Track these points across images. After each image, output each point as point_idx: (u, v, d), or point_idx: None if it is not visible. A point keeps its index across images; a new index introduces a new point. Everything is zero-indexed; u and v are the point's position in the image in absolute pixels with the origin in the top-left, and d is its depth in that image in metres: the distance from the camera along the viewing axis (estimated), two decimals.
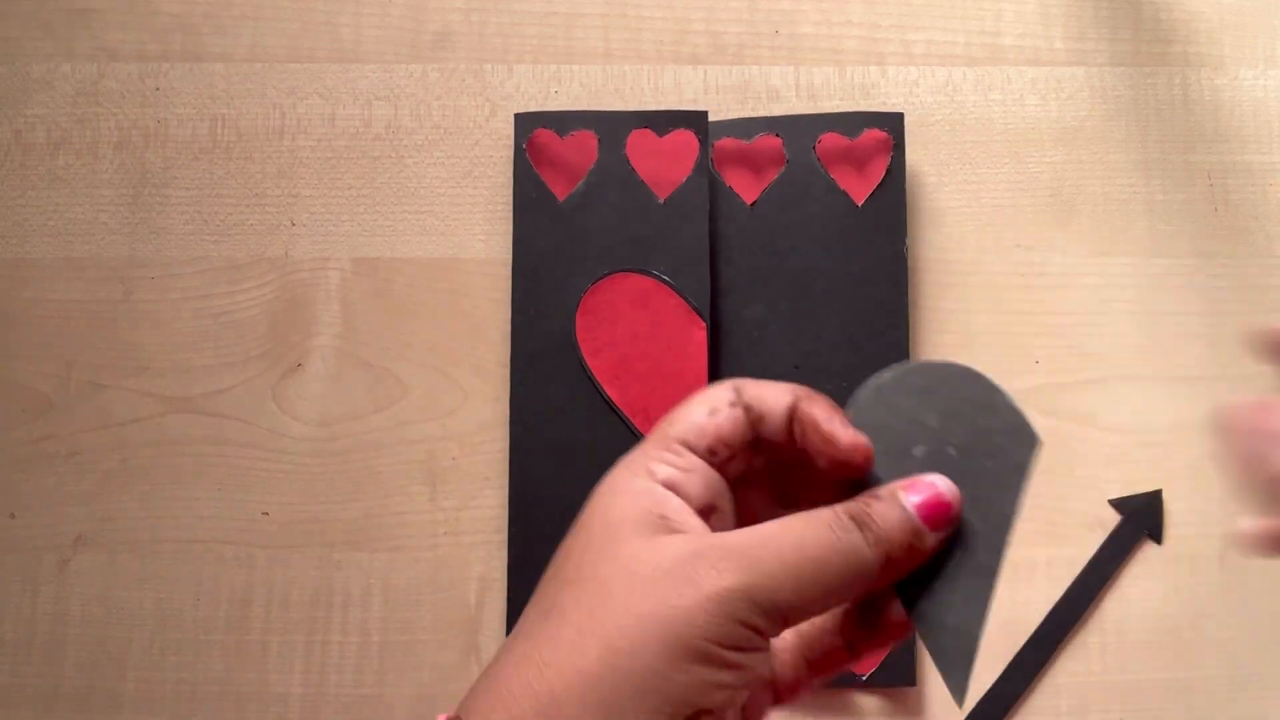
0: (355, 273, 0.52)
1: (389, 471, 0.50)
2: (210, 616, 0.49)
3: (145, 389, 0.51)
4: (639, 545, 0.26)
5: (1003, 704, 0.48)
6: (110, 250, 0.52)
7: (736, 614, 0.25)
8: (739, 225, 0.50)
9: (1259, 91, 0.53)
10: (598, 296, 0.49)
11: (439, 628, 0.49)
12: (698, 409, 0.29)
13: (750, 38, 0.53)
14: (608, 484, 0.29)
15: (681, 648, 0.25)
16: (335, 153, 0.53)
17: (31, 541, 0.50)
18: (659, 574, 0.26)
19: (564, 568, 0.28)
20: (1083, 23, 0.53)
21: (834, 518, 0.27)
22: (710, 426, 0.29)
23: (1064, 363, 0.51)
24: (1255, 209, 0.52)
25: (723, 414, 0.29)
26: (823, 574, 0.26)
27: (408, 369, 0.51)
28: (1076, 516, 0.49)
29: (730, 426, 0.29)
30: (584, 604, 0.26)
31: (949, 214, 0.52)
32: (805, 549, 0.26)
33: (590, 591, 0.26)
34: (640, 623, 0.25)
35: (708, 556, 0.26)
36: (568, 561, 0.28)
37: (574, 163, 0.51)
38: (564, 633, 0.26)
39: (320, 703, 0.49)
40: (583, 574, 0.27)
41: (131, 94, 0.53)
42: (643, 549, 0.26)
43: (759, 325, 0.50)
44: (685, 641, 0.25)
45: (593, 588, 0.26)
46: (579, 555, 0.27)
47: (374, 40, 0.53)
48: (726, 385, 0.30)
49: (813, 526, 0.27)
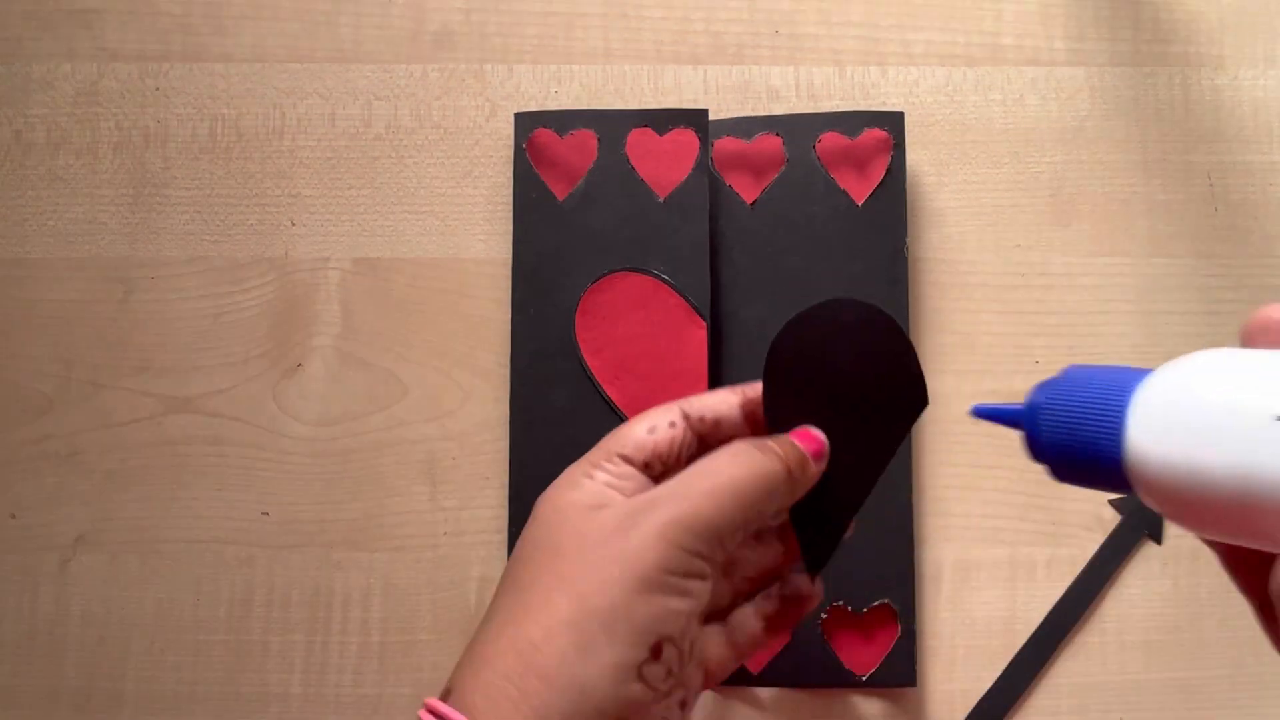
0: (355, 273, 0.52)
1: (389, 471, 0.50)
2: (210, 616, 0.49)
3: (145, 389, 0.51)
4: (585, 517, 0.31)
5: (1003, 704, 0.48)
6: (110, 250, 0.52)
7: (678, 541, 0.29)
8: (739, 225, 0.50)
9: (1259, 91, 0.53)
10: (598, 296, 0.49)
11: (439, 628, 0.49)
12: (639, 426, 0.33)
13: (750, 38, 0.53)
14: (554, 485, 0.33)
15: (640, 581, 0.29)
16: (335, 153, 0.53)
17: (31, 541, 0.50)
18: (606, 530, 0.30)
19: (522, 550, 0.32)
20: (1083, 23, 0.53)
21: (739, 445, 0.32)
22: (649, 443, 0.33)
23: (1064, 363, 0.50)
24: (1255, 209, 0.52)
25: (661, 432, 0.33)
26: (741, 491, 0.31)
27: (408, 369, 0.51)
28: (1076, 516, 0.49)
29: (667, 445, 0.33)
30: (546, 569, 0.30)
31: (949, 214, 0.52)
32: (726, 474, 0.31)
33: (550, 559, 0.30)
34: (600, 567, 0.29)
35: (642, 506, 0.30)
36: (523, 547, 0.32)
37: (574, 162, 0.51)
38: (533, 596, 0.30)
39: (320, 703, 0.49)
40: (540, 549, 0.31)
41: (131, 94, 0.53)
42: (589, 518, 0.31)
43: (759, 325, 0.50)
44: (641, 574, 0.29)
45: (551, 556, 0.30)
46: (534, 537, 0.32)
47: (374, 40, 0.53)
48: (673, 406, 0.34)
49: (721, 457, 0.32)
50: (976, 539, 0.49)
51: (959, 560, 0.49)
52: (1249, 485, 0.19)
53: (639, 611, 0.29)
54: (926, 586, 0.49)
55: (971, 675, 0.49)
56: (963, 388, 0.50)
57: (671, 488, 0.31)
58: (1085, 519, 0.49)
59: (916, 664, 0.48)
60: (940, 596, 0.49)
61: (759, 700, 0.49)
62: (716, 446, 0.33)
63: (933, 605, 0.49)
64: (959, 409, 0.50)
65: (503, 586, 0.32)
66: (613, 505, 0.31)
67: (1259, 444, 0.19)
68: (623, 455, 0.33)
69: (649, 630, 0.29)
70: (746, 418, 0.35)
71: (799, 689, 0.48)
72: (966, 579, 0.49)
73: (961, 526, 0.49)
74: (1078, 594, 0.49)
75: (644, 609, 0.29)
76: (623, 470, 0.33)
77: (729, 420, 0.34)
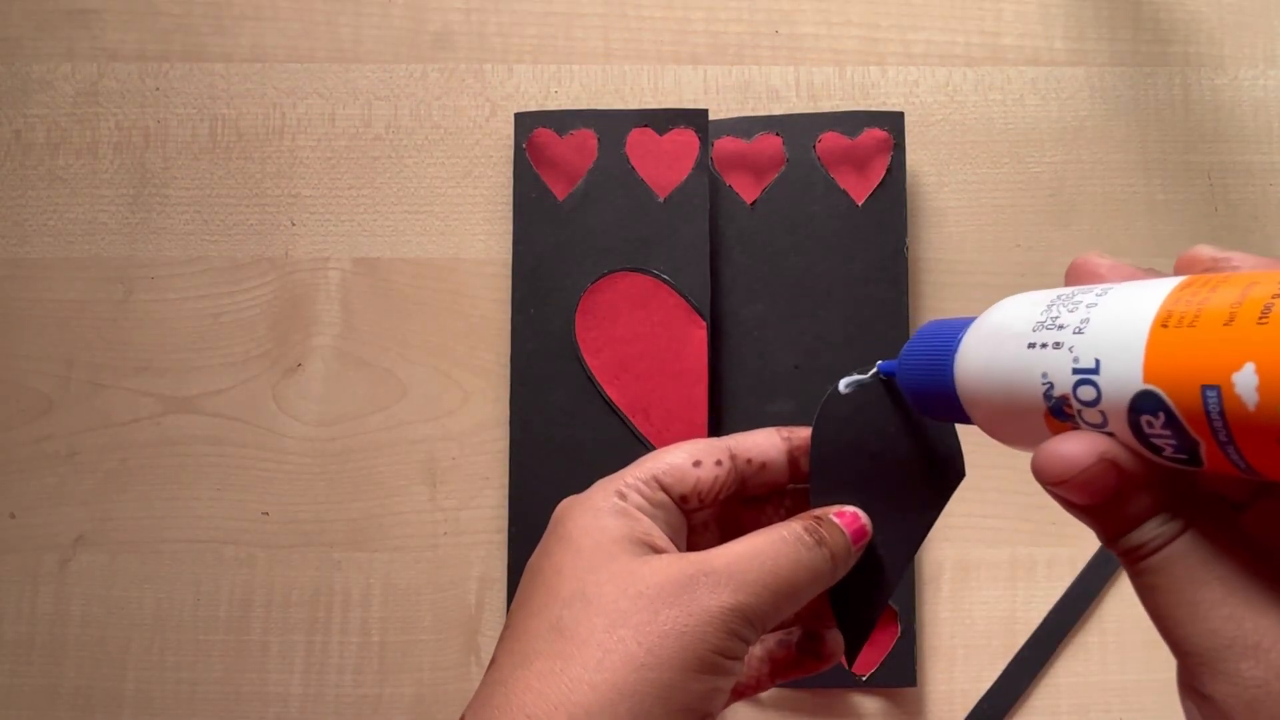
0: (355, 273, 0.52)
1: (389, 471, 0.50)
2: (210, 616, 0.49)
3: (145, 389, 0.51)
4: (634, 564, 0.30)
5: (1003, 704, 0.48)
6: (110, 250, 0.52)
7: (734, 629, 0.29)
8: (739, 225, 0.50)
9: (1259, 91, 0.53)
10: (597, 296, 0.49)
11: (439, 628, 0.49)
12: (682, 456, 0.32)
13: (750, 38, 0.53)
14: (585, 500, 0.31)
15: (697, 661, 0.28)
16: (335, 153, 0.53)
17: (31, 541, 0.50)
18: (665, 595, 0.29)
19: (558, 583, 0.30)
20: (1083, 23, 0.53)
21: (799, 537, 0.31)
22: (692, 477, 0.32)
23: None
24: (1255, 209, 0.52)
25: (706, 469, 0.32)
26: (793, 586, 0.30)
27: (408, 369, 0.51)
28: None
29: (710, 484, 0.32)
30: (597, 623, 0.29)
31: (949, 214, 0.52)
32: (780, 568, 0.30)
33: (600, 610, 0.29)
34: (661, 640, 0.28)
35: (703, 580, 0.29)
36: (560, 577, 0.30)
37: (574, 162, 0.51)
38: (586, 652, 0.28)
39: (320, 703, 0.49)
40: (586, 591, 0.29)
41: (131, 94, 0.53)
42: (639, 568, 0.29)
43: (759, 325, 0.50)
44: (699, 655, 0.28)
45: (602, 607, 0.29)
46: (572, 571, 0.30)
47: (374, 40, 0.53)
48: (720, 445, 0.33)
49: (781, 547, 0.31)
50: (976, 539, 0.49)
51: (959, 560, 0.49)
52: (1012, 399, 0.24)
53: (693, 690, 0.28)
54: (926, 587, 0.49)
55: (971, 675, 0.49)
56: None
57: (731, 566, 0.30)
58: None
59: (916, 664, 0.48)
60: (940, 597, 0.49)
61: (759, 700, 0.49)
62: (756, 486, 0.33)
63: (933, 605, 0.49)
64: None
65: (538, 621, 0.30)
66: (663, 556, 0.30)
67: (1017, 366, 0.24)
68: (662, 483, 0.32)
69: (698, 709, 0.29)
70: (791, 464, 0.34)
71: (799, 689, 0.48)
72: (966, 579, 0.49)
73: (961, 526, 0.49)
74: (1078, 594, 0.49)
75: (697, 688, 0.28)
76: (658, 498, 0.32)
77: (775, 465, 0.34)
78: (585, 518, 0.31)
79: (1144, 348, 0.21)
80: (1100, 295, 0.23)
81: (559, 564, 0.30)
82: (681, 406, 0.48)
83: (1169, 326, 0.21)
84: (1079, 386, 0.22)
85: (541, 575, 0.30)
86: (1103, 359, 0.22)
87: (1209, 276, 0.21)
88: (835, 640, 0.34)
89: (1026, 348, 0.24)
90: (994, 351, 0.25)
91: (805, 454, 0.34)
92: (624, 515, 0.31)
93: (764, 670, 0.35)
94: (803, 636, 0.35)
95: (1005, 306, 0.26)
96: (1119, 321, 0.22)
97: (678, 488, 0.32)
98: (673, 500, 0.32)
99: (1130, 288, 0.23)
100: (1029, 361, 0.24)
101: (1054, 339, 0.23)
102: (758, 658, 0.35)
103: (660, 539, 0.31)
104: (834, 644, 0.34)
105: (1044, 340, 0.23)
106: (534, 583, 0.30)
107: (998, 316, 0.26)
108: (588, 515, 0.31)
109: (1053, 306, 0.24)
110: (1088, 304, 0.23)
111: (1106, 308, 0.22)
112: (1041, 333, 0.23)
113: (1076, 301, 0.23)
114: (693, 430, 0.48)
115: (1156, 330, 0.21)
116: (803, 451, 0.34)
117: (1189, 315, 0.20)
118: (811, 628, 0.35)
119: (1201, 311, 0.20)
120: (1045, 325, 0.23)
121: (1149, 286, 0.22)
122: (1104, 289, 0.23)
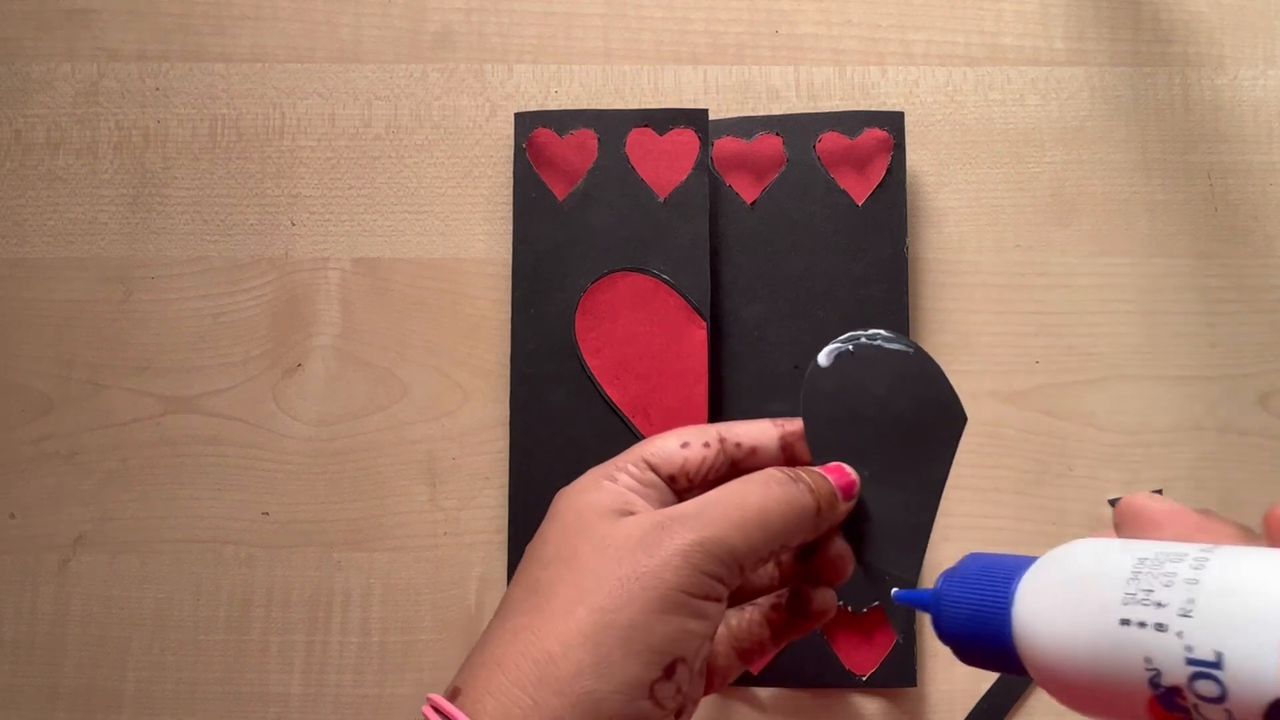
0: (355, 273, 0.52)
1: (389, 471, 0.50)
2: (210, 616, 0.49)
3: (145, 389, 0.51)
4: (608, 525, 0.31)
5: (1003, 704, 0.48)
6: (110, 250, 0.52)
7: (700, 564, 0.29)
8: (739, 225, 0.50)
9: (1259, 91, 0.53)
10: (597, 296, 0.49)
11: (439, 628, 0.49)
12: (672, 439, 0.33)
13: (750, 38, 0.53)
14: (576, 484, 0.33)
15: (659, 600, 0.29)
16: (335, 153, 0.53)
17: (31, 541, 0.50)
18: (630, 543, 0.30)
19: (541, 550, 0.31)
20: (1083, 23, 0.53)
21: (771, 475, 0.32)
22: (679, 456, 0.33)
23: (1064, 363, 0.51)
24: (1255, 209, 0.52)
25: (694, 450, 0.33)
26: (764, 518, 0.31)
27: (408, 369, 0.51)
28: (1076, 516, 0.49)
29: (697, 463, 0.33)
30: (567, 578, 0.30)
31: (949, 214, 0.52)
32: (748, 502, 0.31)
33: (571, 568, 0.30)
34: (621, 584, 0.29)
35: (667, 523, 0.30)
36: (544, 546, 0.31)
37: (574, 162, 0.51)
38: (553, 604, 0.29)
39: (320, 703, 0.49)
40: (561, 554, 0.31)
41: (131, 94, 0.53)
42: (611, 527, 0.31)
43: (759, 325, 0.50)
44: (662, 594, 0.29)
45: (573, 564, 0.30)
46: (555, 540, 0.31)
47: (374, 40, 0.53)
48: (710, 428, 0.34)
49: (752, 484, 0.32)
50: (976, 539, 0.49)
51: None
52: (1101, 678, 0.22)
53: (657, 631, 0.29)
54: (927, 586, 0.49)
55: (971, 675, 0.48)
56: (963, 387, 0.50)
57: (698, 507, 0.31)
58: (1085, 519, 0.49)
59: (916, 664, 0.48)
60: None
61: (759, 700, 0.49)
62: (750, 470, 0.33)
63: None
64: None
65: (518, 586, 0.31)
66: (635, 515, 0.31)
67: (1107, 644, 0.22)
68: (650, 463, 0.33)
69: (665, 651, 0.29)
70: (784, 449, 0.35)
71: (799, 689, 0.48)
72: None
73: (961, 526, 0.49)
74: None
75: (662, 629, 0.29)
76: (647, 477, 0.33)
77: (766, 450, 0.34)
78: (573, 496, 0.32)
79: (1277, 647, 0.19)
80: (1197, 569, 0.21)
81: (545, 537, 0.32)
82: (681, 406, 0.48)
83: None
84: (1197, 680, 0.21)
85: (531, 550, 0.32)
86: (1226, 654, 0.20)
87: None
88: (823, 598, 0.35)
89: (1119, 624, 0.22)
90: (1075, 620, 0.23)
91: (800, 440, 0.34)
92: (609, 491, 0.32)
93: (765, 633, 0.35)
94: (790, 596, 0.35)
95: (1076, 559, 0.24)
96: (1239, 612, 0.20)
97: (665, 467, 0.33)
98: (663, 480, 0.33)
99: (1229, 560, 0.21)
100: (1125, 640, 0.22)
101: (1154, 619, 0.21)
102: (756, 620, 0.35)
103: (642, 507, 0.32)
104: (821, 601, 0.35)
105: (1141, 618, 0.21)
106: (524, 558, 0.32)
107: (1071, 571, 0.24)
108: (575, 494, 0.32)
109: (1141, 577, 0.22)
110: (1185, 579, 0.21)
111: (1213, 587, 0.21)
112: (1135, 608, 0.22)
113: (1170, 574, 0.22)
114: None
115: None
116: (797, 438, 0.34)
117: None
118: (798, 587, 0.35)
119: None
120: (1138, 600, 0.22)
121: (1252, 560, 0.21)
122: (1198, 559, 0.22)
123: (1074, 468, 0.50)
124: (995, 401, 0.50)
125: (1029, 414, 0.50)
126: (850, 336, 0.35)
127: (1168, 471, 0.50)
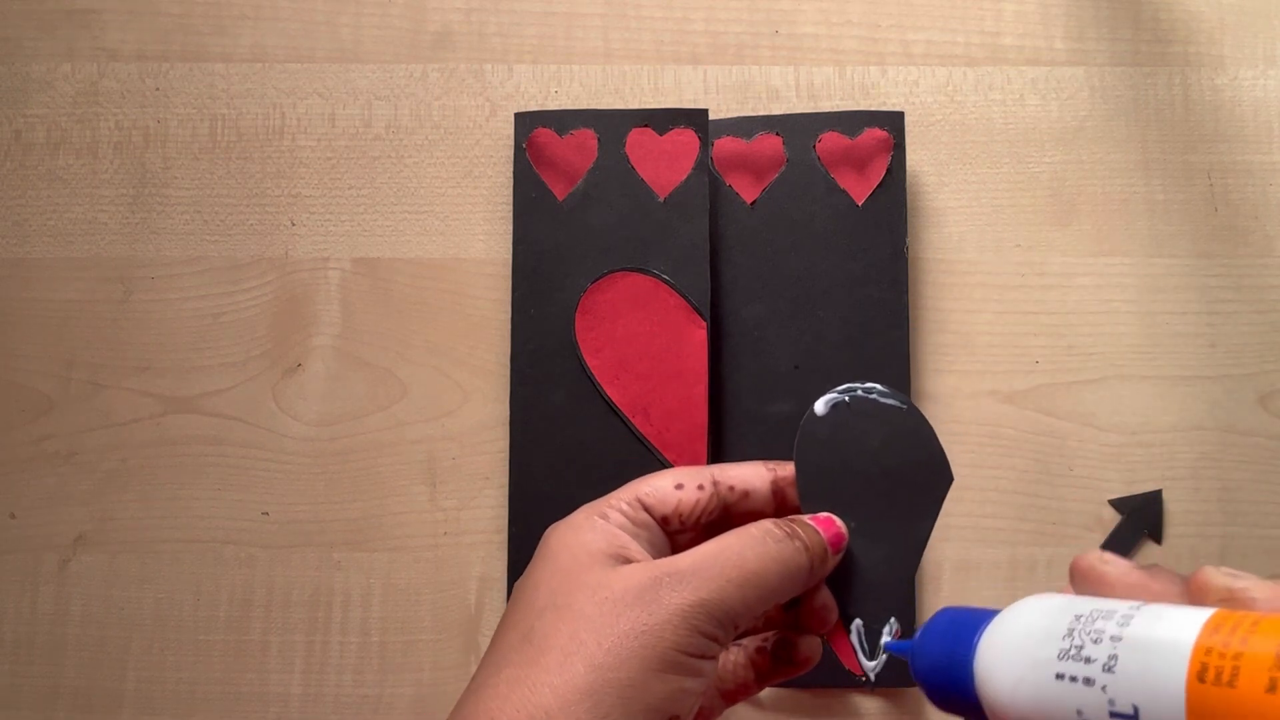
0: (355, 273, 0.52)
1: (389, 471, 0.50)
2: (210, 616, 0.49)
3: (145, 389, 0.51)
4: (605, 574, 0.30)
5: None
6: (110, 250, 0.52)
7: (699, 625, 0.29)
8: (739, 225, 0.50)
9: (1259, 91, 0.53)
10: (597, 296, 0.49)
11: (439, 628, 0.49)
12: (667, 479, 0.33)
13: (750, 38, 0.53)
14: (568, 521, 0.33)
15: (658, 660, 0.29)
16: (335, 153, 0.53)
17: (31, 541, 0.50)
18: (629, 597, 0.30)
19: (535, 596, 0.31)
20: (1083, 23, 0.53)
21: (767, 532, 0.32)
22: (674, 499, 0.33)
23: (1064, 363, 0.51)
24: (1255, 209, 0.52)
25: (688, 492, 0.33)
26: (762, 579, 0.31)
27: (408, 369, 0.51)
28: (1076, 516, 0.49)
29: (691, 506, 0.33)
30: (562, 629, 0.29)
31: (949, 214, 0.52)
32: (746, 562, 0.31)
33: (567, 618, 0.30)
34: (620, 640, 0.29)
35: (665, 579, 0.30)
36: (537, 591, 0.31)
37: (574, 162, 0.51)
38: (548, 657, 0.29)
39: (320, 703, 0.49)
40: (556, 601, 0.30)
41: (131, 94, 0.53)
42: (609, 577, 0.30)
43: (759, 325, 0.50)
44: (660, 653, 0.29)
45: (569, 614, 0.30)
46: (548, 585, 0.31)
47: (374, 40, 0.53)
48: (704, 470, 0.34)
49: (749, 541, 0.31)
50: (976, 539, 0.49)
51: (959, 560, 0.49)
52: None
53: (655, 690, 0.29)
54: (926, 587, 0.49)
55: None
56: (962, 387, 0.50)
57: (696, 564, 0.31)
58: (1085, 519, 0.49)
59: None
60: (940, 597, 0.49)
61: (759, 700, 0.49)
62: (740, 516, 0.33)
63: (933, 605, 0.49)
64: (959, 409, 0.50)
65: (513, 631, 0.31)
66: (632, 564, 0.31)
67: (1048, 696, 0.23)
68: (644, 503, 0.33)
69: (662, 709, 0.29)
70: (775, 494, 0.35)
71: (799, 689, 0.48)
72: (966, 579, 0.49)
73: (961, 526, 0.49)
74: None
75: (660, 687, 0.29)
76: (640, 517, 0.33)
77: (758, 495, 0.34)
78: (566, 535, 0.32)
79: (1183, 705, 0.20)
80: (1122, 625, 0.23)
81: (538, 579, 0.31)
82: (681, 406, 0.48)
83: (1206, 682, 0.20)
84: None
85: (522, 591, 0.32)
86: (1141, 708, 0.21)
87: (1236, 616, 0.21)
88: (809, 645, 0.35)
89: (1054, 678, 0.23)
90: (1020, 674, 0.24)
91: (790, 485, 0.35)
92: (603, 532, 0.32)
93: (749, 675, 0.35)
94: (777, 642, 0.35)
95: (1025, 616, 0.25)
96: (1152, 668, 0.21)
97: (660, 508, 0.33)
98: (655, 521, 0.33)
99: (1150, 618, 0.22)
100: (1060, 694, 0.23)
101: (1083, 673, 0.23)
102: (741, 663, 0.35)
103: (637, 553, 0.32)
104: (807, 649, 0.35)
105: (1073, 673, 0.23)
106: (516, 599, 0.32)
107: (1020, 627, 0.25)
108: (568, 533, 0.32)
109: (1074, 634, 0.23)
110: (1111, 635, 0.22)
111: (1134, 644, 0.22)
112: (1069, 663, 0.23)
113: (1099, 631, 0.23)
114: (693, 430, 0.48)
115: (1194, 685, 0.20)
116: (788, 483, 0.35)
117: (1226, 671, 0.20)
118: (783, 634, 0.35)
119: (1239, 669, 0.20)
120: (1070, 655, 0.23)
121: (1172, 620, 0.22)
122: (1124, 616, 0.23)
123: (1074, 468, 0.50)
124: (995, 401, 0.50)
125: (1029, 414, 0.50)
126: (847, 388, 0.35)
127: (1168, 471, 0.50)
